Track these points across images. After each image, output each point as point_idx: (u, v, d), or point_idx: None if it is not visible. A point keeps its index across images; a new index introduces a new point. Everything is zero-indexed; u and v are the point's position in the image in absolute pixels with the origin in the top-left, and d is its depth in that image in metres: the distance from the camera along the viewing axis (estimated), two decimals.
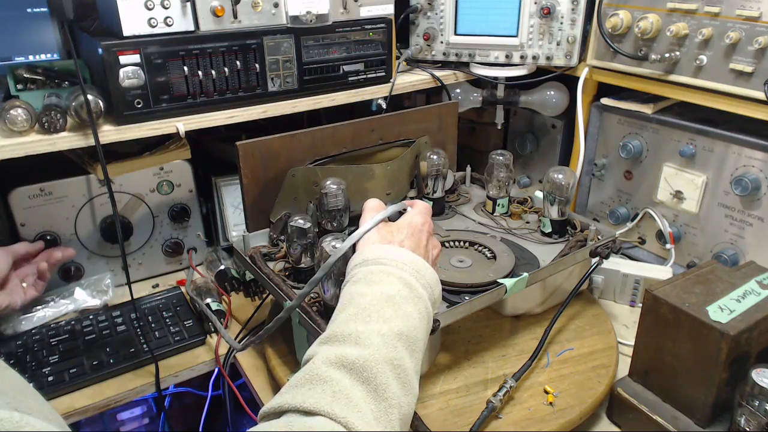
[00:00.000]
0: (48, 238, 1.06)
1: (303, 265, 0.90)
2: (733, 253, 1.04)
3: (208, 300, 1.04)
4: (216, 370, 0.98)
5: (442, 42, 1.27)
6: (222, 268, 1.13)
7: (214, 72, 0.97)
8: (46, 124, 0.89)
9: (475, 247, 0.98)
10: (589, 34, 1.16)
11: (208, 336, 1.01)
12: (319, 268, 0.76)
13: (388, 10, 1.13)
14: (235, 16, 0.97)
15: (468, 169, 1.25)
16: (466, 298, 0.82)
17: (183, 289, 1.12)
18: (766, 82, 0.90)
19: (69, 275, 1.10)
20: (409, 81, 1.22)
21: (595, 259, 0.96)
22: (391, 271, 0.64)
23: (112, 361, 0.93)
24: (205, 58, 0.96)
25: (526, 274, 0.85)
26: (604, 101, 1.20)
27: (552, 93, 1.28)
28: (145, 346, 0.96)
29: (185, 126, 0.97)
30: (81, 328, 1.00)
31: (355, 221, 1.04)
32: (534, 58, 1.21)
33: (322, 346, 0.58)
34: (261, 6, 0.98)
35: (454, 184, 1.18)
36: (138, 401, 1.23)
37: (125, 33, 0.89)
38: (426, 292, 0.65)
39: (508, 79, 1.27)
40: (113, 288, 1.11)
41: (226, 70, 0.98)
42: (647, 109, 1.13)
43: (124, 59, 0.89)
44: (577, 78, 1.20)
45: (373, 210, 0.74)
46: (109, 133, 0.92)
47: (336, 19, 1.07)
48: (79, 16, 1.08)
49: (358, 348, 0.56)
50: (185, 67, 0.95)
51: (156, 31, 0.91)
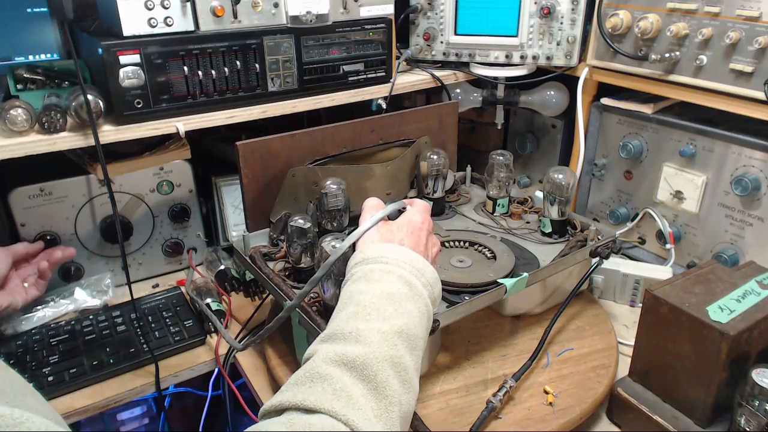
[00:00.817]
0: (48, 238, 1.06)
1: (303, 265, 0.90)
2: (733, 253, 1.04)
3: (208, 300, 1.04)
4: (216, 370, 0.98)
5: (442, 42, 1.27)
6: (222, 268, 1.13)
7: (214, 72, 0.97)
8: (46, 124, 0.89)
9: (475, 247, 0.98)
10: (589, 34, 1.16)
11: (208, 336, 1.01)
12: (319, 267, 0.76)
13: (388, 10, 1.13)
14: (235, 16, 0.97)
15: (468, 169, 1.25)
16: (466, 298, 0.82)
17: (183, 289, 1.12)
18: (766, 82, 0.90)
19: (69, 275, 1.10)
20: (409, 81, 1.22)
21: (595, 259, 0.96)
22: (390, 269, 0.64)
23: (112, 361, 0.93)
24: (205, 58, 0.96)
25: (526, 274, 0.85)
26: (604, 101, 1.20)
27: (552, 93, 1.28)
28: (145, 346, 0.96)
29: (185, 126, 0.97)
30: (81, 328, 1.00)
31: (355, 221, 1.04)
32: (534, 58, 1.21)
33: (323, 344, 0.58)
34: (261, 6, 0.98)
35: (454, 184, 1.18)
36: (138, 401, 1.23)
37: (125, 33, 0.89)
38: (426, 290, 0.65)
39: (508, 79, 1.27)
40: (113, 288, 1.11)
41: (226, 70, 0.98)
42: (647, 109, 1.13)
43: (124, 59, 0.89)
44: (577, 78, 1.20)
45: (372, 209, 0.74)
46: (109, 133, 0.92)
47: (336, 19, 1.07)
48: (79, 16, 1.09)
49: (359, 346, 0.56)
50: (185, 67, 0.95)
51: (156, 31, 0.91)
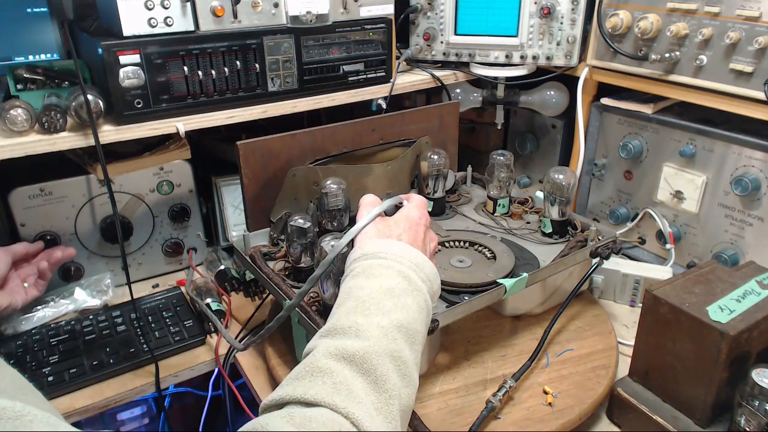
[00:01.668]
0: (48, 238, 1.06)
1: (303, 264, 0.90)
2: (733, 253, 1.04)
3: (208, 300, 1.04)
4: (216, 370, 0.98)
5: (442, 42, 1.27)
6: (222, 268, 1.13)
7: (214, 72, 0.97)
8: (46, 124, 0.89)
9: (475, 247, 0.98)
10: (589, 34, 1.16)
11: (208, 336, 1.01)
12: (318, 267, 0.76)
13: (388, 10, 1.13)
14: (235, 16, 0.97)
15: (469, 169, 1.25)
16: (466, 298, 0.82)
17: (183, 289, 1.12)
18: (766, 82, 0.90)
19: (69, 275, 1.10)
20: (409, 81, 1.22)
21: (595, 260, 0.96)
22: (389, 264, 0.64)
23: (112, 361, 0.93)
24: (205, 58, 0.96)
25: (525, 275, 0.85)
26: (604, 101, 1.20)
27: (552, 93, 1.28)
28: (145, 346, 0.96)
29: (185, 126, 0.97)
30: (81, 328, 1.00)
31: (354, 220, 1.05)
32: (534, 58, 1.21)
33: (323, 338, 0.58)
34: (261, 6, 0.98)
35: (454, 184, 1.18)
36: (138, 401, 1.23)
37: (125, 33, 0.89)
38: (425, 285, 0.65)
39: (508, 79, 1.27)
40: (113, 288, 1.11)
41: (226, 70, 0.98)
42: (647, 109, 1.13)
43: (124, 59, 0.89)
44: (577, 78, 1.20)
45: (369, 205, 0.75)
46: (109, 133, 0.92)
47: (336, 19, 1.07)
48: (79, 16, 1.09)
49: (358, 340, 0.56)
50: (185, 67, 0.95)
51: (156, 31, 0.91)
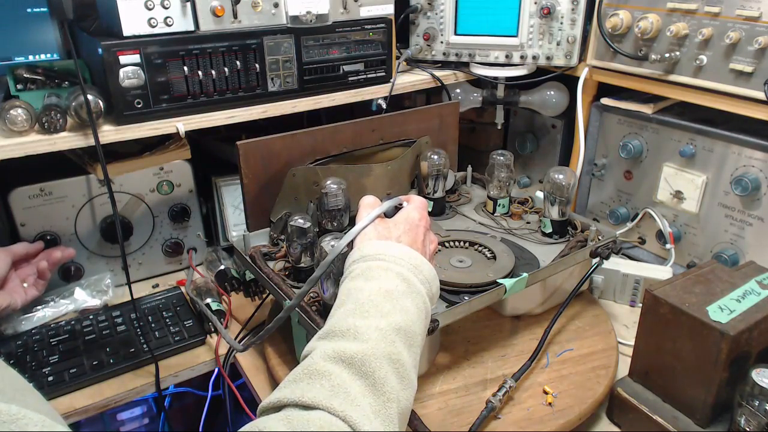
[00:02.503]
0: (48, 238, 1.06)
1: (303, 264, 0.90)
2: (733, 253, 1.04)
3: (208, 300, 1.04)
4: (216, 370, 0.98)
5: (442, 42, 1.27)
6: (222, 268, 1.13)
7: (214, 72, 0.97)
8: (46, 124, 0.89)
9: (475, 247, 0.98)
10: (589, 34, 1.16)
11: (208, 336, 1.01)
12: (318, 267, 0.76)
13: (388, 10, 1.13)
14: (235, 16, 0.97)
15: (469, 169, 1.25)
16: (466, 298, 0.82)
17: (183, 289, 1.12)
18: (766, 82, 0.90)
19: (69, 275, 1.10)
20: (409, 81, 1.22)
21: (595, 260, 0.96)
22: (388, 266, 0.64)
23: (112, 361, 0.93)
24: (205, 58, 0.96)
25: (525, 275, 0.85)
26: (604, 101, 1.20)
27: (552, 93, 1.28)
28: (145, 346, 0.96)
29: (185, 126, 0.97)
30: (81, 328, 1.00)
31: (354, 221, 1.05)
32: (534, 58, 1.21)
33: (321, 341, 0.58)
34: (261, 6, 0.98)
35: (454, 184, 1.18)
36: (138, 401, 1.23)
37: (125, 33, 0.89)
38: (424, 287, 0.65)
39: (508, 79, 1.27)
40: (113, 288, 1.11)
41: (226, 70, 0.98)
42: (647, 109, 1.13)
43: (124, 59, 0.89)
44: (577, 78, 1.20)
45: (368, 207, 0.74)
46: (109, 133, 0.92)
47: (336, 19, 1.07)
48: (79, 16, 1.08)
49: (357, 343, 0.56)
50: (185, 67, 0.95)
51: (156, 31, 0.91)
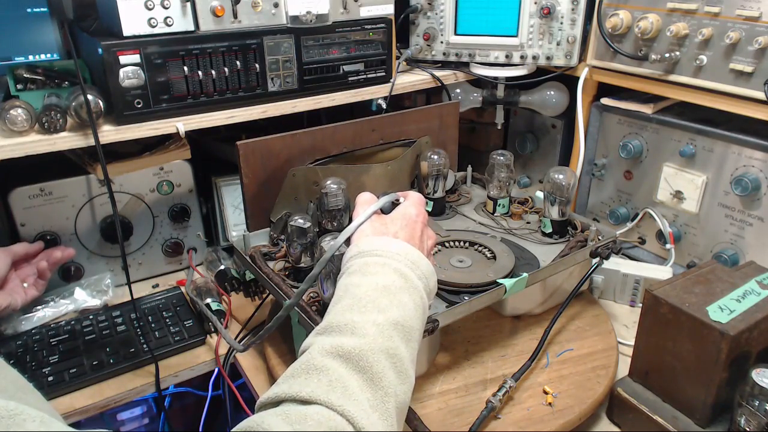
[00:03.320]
0: (48, 238, 1.06)
1: (303, 264, 0.90)
2: (733, 253, 1.04)
3: (208, 300, 1.04)
4: (216, 370, 0.98)
5: (442, 42, 1.27)
6: (222, 268, 1.13)
7: (214, 72, 0.97)
8: (46, 124, 0.89)
9: (475, 247, 0.98)
10: (589, 34, 1.16)
11: (208, 336, 1.01)
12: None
13: (388, 10, 1.13)
14: (235, 16, 0.97)
15: (469, 169, 1.25)
16: (466, 298, 0.82)
17: (183, 289, 1.12)
18: (766, 82, 0.90)
19: (69, 275, 1.10)
20: (409, 81, 1.22)
21: (595, 260, 0.96)
22: (385, 262, 0.64)
23: (112, 361, 0.93)
24: (205, 58, 0.96)
25: (525, 275, 0.85)
26: (604, 101, 1.20)
27: (552, 93, 1.28)
28: (145, 346, 0.96)
29: (185, 126, 0.97)
30: (81, 328, 1.00)
31: (353, 219, 1.05)
32: (534, 58, 1.21)
33: (318, 336, 0.58)
34: (261, 6, 0.98)
35: (454, 184, 1.18)
36: (138, 401, 1.23)
37: (125, 33, 0.89)
38: (421, 282, 0.65)
39: (508, 79, 1.27)
40: (113, 288, 1.11)
41: (226, 70, 0.98)
42: (647, 109, 1.13)
43: (124, 59, 0.89)
44: (577, 78, 1.20)
45: (365, 203, 0.74)
46: (109, 133, 0.92)
47: (336, 19, 1.07)
48: (79, 16, 1.09)
49: (354, 338, 0.56)
50: (185, 67, 0.95)
51: (156, 31, 0.91)
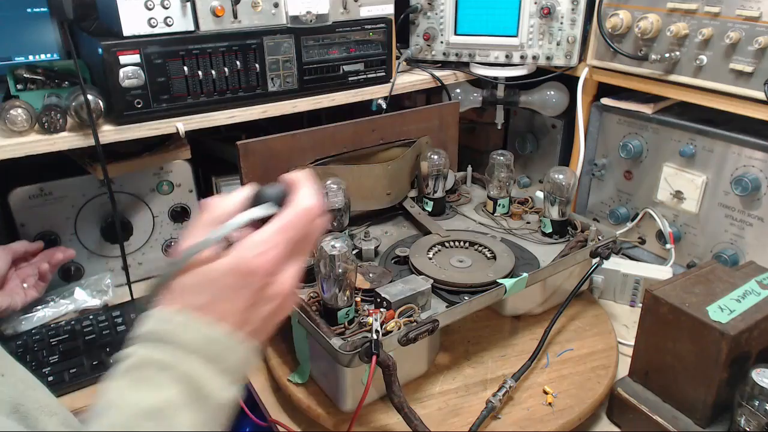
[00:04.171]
0: (50, 238, 1.06)
1: None
2: (733, 253, 1.04)
3: None
4: None
5: (442, 42, 1.27)
6: None
7: (214, 72, 0.97)
8: (46, 124, 0.89)
9: (475, 247, 0.98)
10: (589, 34, 1.16)
11: None
12: (318, 266, 0.76)
13: (388, 10, 1.13)
14: (235, 16, 0.97)
15: (469, 169, 1.25)
16: (466, 298, 0.82)
17: None
18: (766, 82, 0.90)
19: (69, 275, 1.10)
20: (409, 81, 1.22)
21: (595, 260, 0.96)
22: (173, 362, 0.46)
23: (112, 361, 0.93)
24: (205, 58, 0.96)
25: (525, 275, 0.85)
26: (604, 101, 1.20)
27: (552, 93, 1.28)
28: None
29: (185, 126, 0.97)
30: (81, 328, 1.00)
31: (355, 221, 1.05)
32: (534, 58, 1.21)
33: None
34: (261, 6, 0.98)
35: (454, 184, 1.18)
36: None
37: (125, 33, 0.89)
38: (224, 379, 0.47)
39: (508, 79, 1.27)
40: (113, 288, 1.11)
41: (226, 70, 0.98)
42: (647, 109, 1.13)
43: (124, 59, 0.89)
44: (577, 78, 1.20)
45: (208, 225, 0.50)
46: (109, 133, 0.92)
47: (336, 19, 1.07)
48: (79, 16, 1.08)
49: None
50: (185, 67, 0.95)
51: (156, 31, 0.91)
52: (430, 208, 1.10)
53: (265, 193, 0.50)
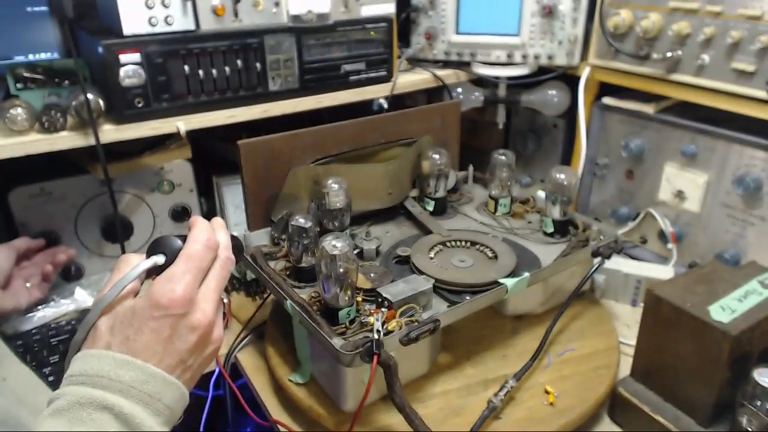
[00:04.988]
0: (51, 237, 1.06)
1: (304, 264, 0.90)
2: (735, 252, 1.04)
3: None
4: (217, 370, 0.98)
5: (443, 41, 1.26)
6: None
7: (214, 71, 0.97)
8: (46, 123, 0.88)
9: (477, 246, 0.98)
10: (591, 33, 1.16)
11: None
12: (319, 267, 0.76)
13: (390, 9, 1.13)
14: (235, 15, 0.97)
15: (470, 168, 1.25)
16: (467, 297, 0.82)
17: None
18: None
19: (69, 275, 1.09)
20: (410, 80, 1.22)
21: (596, 259, 0.96)
22: (105, 402, 0.47)
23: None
24: (205, 57, 0.96)
25: (527, 274, 0.85)
26: (606, 101, 1.19)
27: (553, 92, 1.28)
28: None
29: (186, 125, 0.96)
30: None
31: (355, 221, 1.05)
32: (535, 57, 1.21)
33: None
34: (262, 5, 0.98)
35: (456, 183, 1.18)
36: None
37: (125, 32, 0.89)
38: (159, 418, 0.49)
39: (510, 78, 1.26)
40: None
41: (227, 69, 0.98)
42: (649, 109, 1.13)
43: (124, 58, 0.89)
44: (579, 77, 1.20)
45: (123, 266, 0.55)
46: (110, 132, 0.92)
47: (337, 18, 1.07)
48: (79, 15, 1.09)
49: None
50: (186, 66, 0.94)
51: (156, 30, 0.91)
52: (431, 208, 1.09)
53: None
